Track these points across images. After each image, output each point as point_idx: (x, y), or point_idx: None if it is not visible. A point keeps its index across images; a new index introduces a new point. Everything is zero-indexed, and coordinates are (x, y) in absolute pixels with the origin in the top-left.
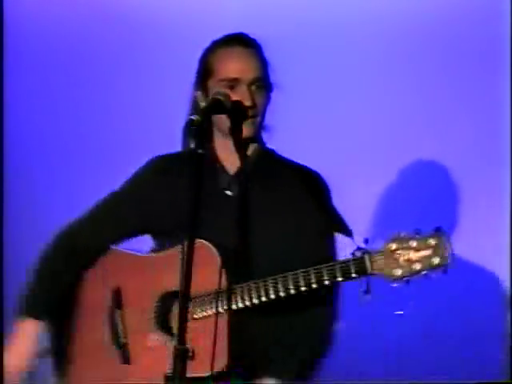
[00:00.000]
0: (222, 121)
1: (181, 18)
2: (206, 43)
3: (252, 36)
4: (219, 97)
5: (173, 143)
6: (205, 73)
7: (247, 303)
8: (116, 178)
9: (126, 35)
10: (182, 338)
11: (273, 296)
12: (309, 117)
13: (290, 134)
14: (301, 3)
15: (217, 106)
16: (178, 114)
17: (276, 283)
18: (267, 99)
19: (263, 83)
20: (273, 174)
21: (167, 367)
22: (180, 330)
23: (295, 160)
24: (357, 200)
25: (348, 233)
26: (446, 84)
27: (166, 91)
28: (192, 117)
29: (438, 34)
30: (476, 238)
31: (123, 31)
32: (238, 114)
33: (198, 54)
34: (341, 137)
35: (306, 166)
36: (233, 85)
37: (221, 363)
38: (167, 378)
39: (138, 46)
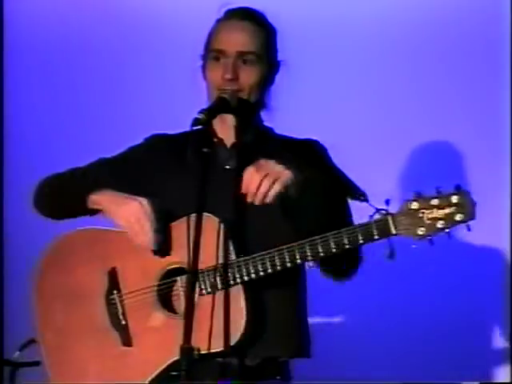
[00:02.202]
0: None
1: (180, 14)
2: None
3: (259, 11)
4: (225, 95)
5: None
6: (206, 44)
7: (261, 273)
8: None
9: (126, 32)
10: (187, 337)
11: (289, 264)
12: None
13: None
14: None
15: (222, 105)
16: (179, 111)
17: (293, 251)
18: (260, 75)
19: (256, 58)
20: (269, 148)
21: (172, 347)
22: (186, 329)
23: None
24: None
25: (361, 195)
26: (447, 81)
27: (168, 89)
28: (197, 116)
29: (439, 30)
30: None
31: (123, 28)
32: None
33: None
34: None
35: (301, 138)
36: (218, 56)
37: (233, 339)
38: (171, 378)
39: (138, 43)
